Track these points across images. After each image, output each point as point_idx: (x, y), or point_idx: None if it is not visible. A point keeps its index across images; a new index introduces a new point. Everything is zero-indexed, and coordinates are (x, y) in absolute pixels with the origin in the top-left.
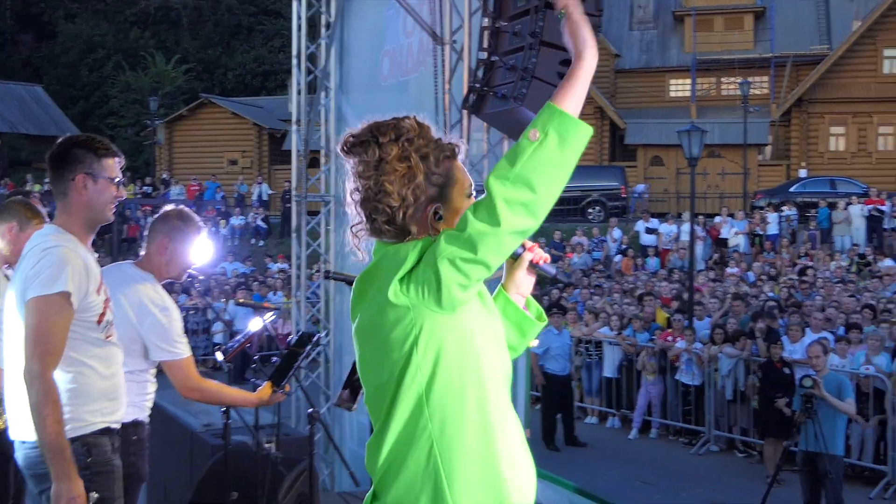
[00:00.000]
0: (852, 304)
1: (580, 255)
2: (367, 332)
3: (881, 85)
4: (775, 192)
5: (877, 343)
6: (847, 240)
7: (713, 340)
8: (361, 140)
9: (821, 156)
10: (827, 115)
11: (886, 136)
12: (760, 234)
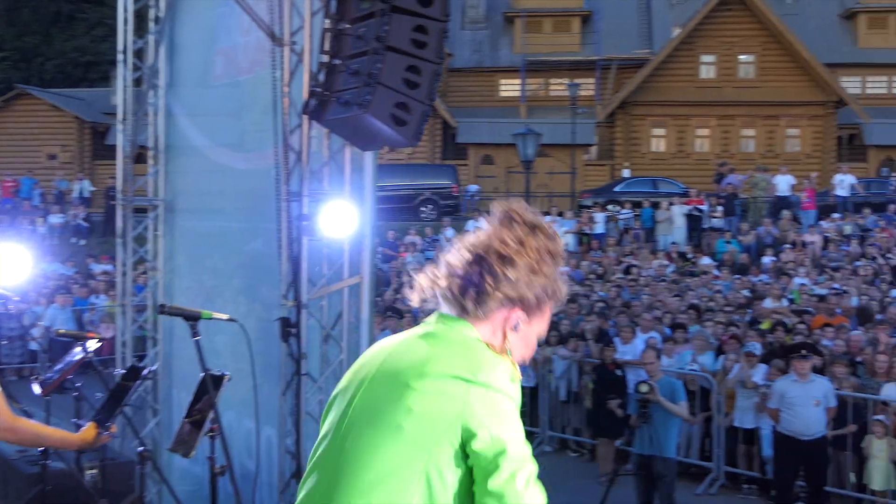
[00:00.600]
0: (676, 304)
1: (413, 254)
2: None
3: (699, 89)
4: (601, 192)
5: (702, 342)
6: (669, 239)
7: (547, 342)
8: (530, 223)
9: (643, 156)
10: (649, 117)
11: (703, 139)
12: (588, 232)
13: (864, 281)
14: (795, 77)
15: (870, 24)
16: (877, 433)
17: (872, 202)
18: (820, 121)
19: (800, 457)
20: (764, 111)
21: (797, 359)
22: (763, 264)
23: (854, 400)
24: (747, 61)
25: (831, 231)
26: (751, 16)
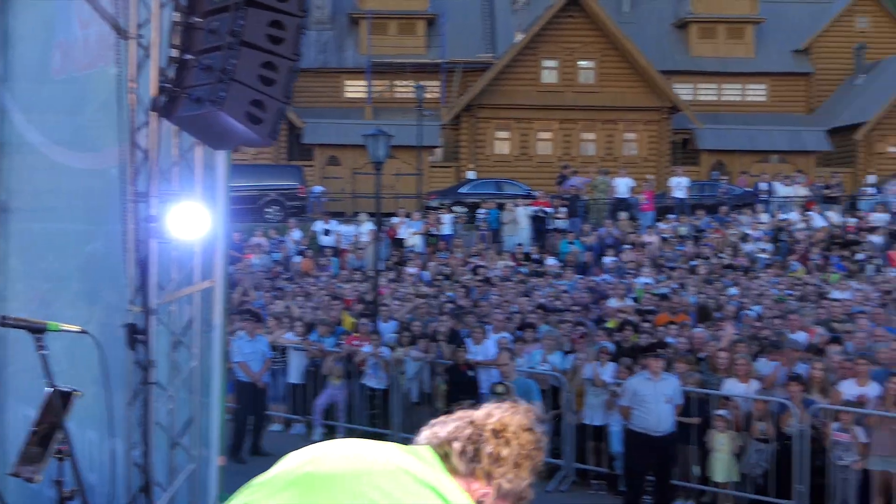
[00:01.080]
0: (525, 304)
1: (259, 256)
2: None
3: (541, 93)
4: (447, 193)
5: (552, 342)
6: (514, 240)
7: (399, 343)
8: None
9: (487, 159)
10: (493, 120)
11: (545, 142)
12: (435, 234)
13: (701, 280)
14: (633, 83)
15: (701, 34)
16: (719, 427)
17: (706, 204)
18: (655, 126)
19: (650, 452)
20: (603, 116)
21: (651, 357)
22: (605, 264)
23: (698, 395)
24: (587, 67)
25: (668, 232)
26: (590, 23)
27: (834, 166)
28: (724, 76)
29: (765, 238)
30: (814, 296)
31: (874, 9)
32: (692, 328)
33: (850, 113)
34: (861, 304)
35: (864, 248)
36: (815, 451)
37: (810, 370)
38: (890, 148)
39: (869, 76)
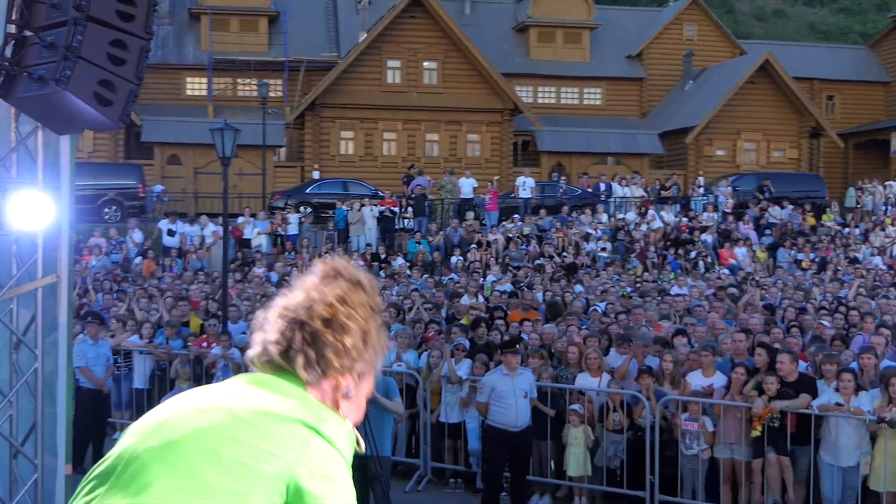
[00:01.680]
0: None
1: (98, 257)
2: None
3: (385, 93)
4: (292, 193)
5: (405, 340)
6: (362, 239)
7: None
8: (354, 280)
9: (332, 158)
10: (338, 119)
11: (390, 142)
12: (282, 234)
13: (548, 278)
14: (475, 85)
15: (539, 38)
16: (573, 422)
17: (547, 204)
18: (498, 127)
19: (508, 448)
20: (447, 117)
21: (510, 353)
22: (452, 263)
23: (552, 390)
24: (431, 68)
25: (512, 231)
26: (434, 24)
27: (666, 168)
28: (562, 80)
29: (605, 237)
30: (654, 292)
31: (701, 18)
32: (543, 324)
33: (680, 117)
34: (697, 299)
35: (697, 246)
36: (666, 442)
37: (661, 363)
38: (718, 151)
39: (697, 82)
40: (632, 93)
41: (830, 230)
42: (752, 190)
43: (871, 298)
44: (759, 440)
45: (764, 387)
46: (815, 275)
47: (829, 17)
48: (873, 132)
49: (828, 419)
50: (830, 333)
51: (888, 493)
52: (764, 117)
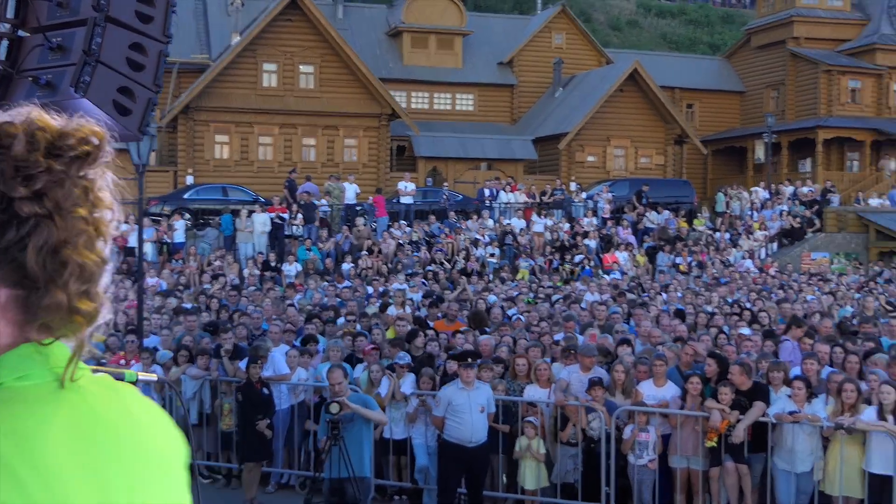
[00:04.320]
0: (295, 315)
1: None
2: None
3: (261, 97)
4: (168, 199)
5: (337, 354)
6: (250, 247)
7: (175, 361)
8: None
9: (207, 163)
10: (212, 123)
11: (266, 147)
12: (167, 241)
13: (442, 285)
14: (352, 89)
15: (413, 43)
16: (528, 434)
17: (435, 210)
18: (375, 132)
19: (464, 464)
20: (324, 121)
21: (464, 367)
22: (344, 271)
23: (504, 403)
24: (307, 72)
25: (402, 238)
26: (311, 27)
27: (539, 174)
28: (436, 85)
29: (493, 243)
30: (563, 299)
31: (569, 27)
32: (478, 335)
33: (551, 124)
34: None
35: (580, 251)
36: (621, 452)
37: (611, 373)
38: (589, 157)
39: (566, 90)
40: (503, 99)
41: (702, 234)
42: (625, 195)
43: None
44: (715, 449)
45: (719, 396)
46: (696, 278)
47: (679, 28)
48: (731, 139)
49: (782, 426)
50: (757, 340)
51: (842, 498)
52: (632, 124)
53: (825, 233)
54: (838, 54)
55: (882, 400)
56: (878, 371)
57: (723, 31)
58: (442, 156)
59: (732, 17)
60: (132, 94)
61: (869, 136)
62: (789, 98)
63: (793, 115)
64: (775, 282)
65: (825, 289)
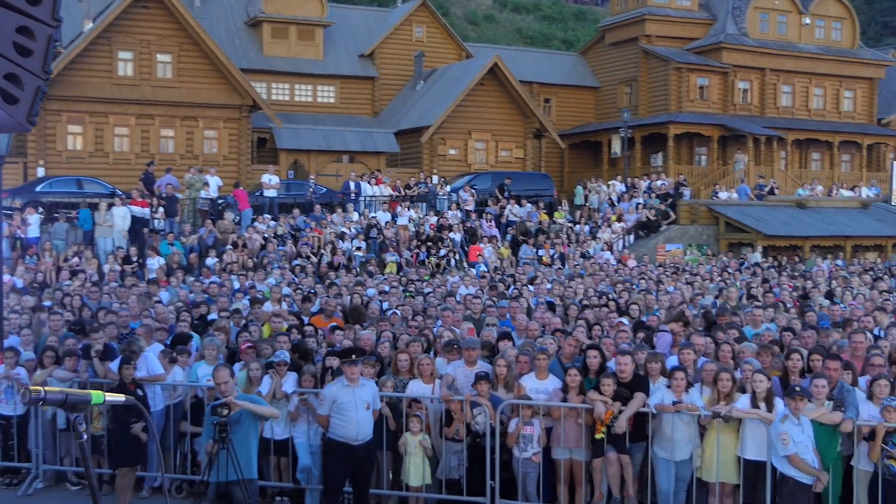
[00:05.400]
0: (165, 312)
1: None
2: None
3: (117, 86)
4: (20, 192)
5: (213, 352)
6: (110, 241)
7: (41, 363)
8: None
9: (59, 154)
10: (64, 113)
11: (122, 137)
12: (21, 237)
13: (311, 279)
14: (212, 79)
15: (273, 34)
16: (412, 430)
17: (300, 203)
18: (235, 124)
19: (349, 462)
20: (182, 112)
21: (348, 364)
22: (209, 265)
23: (388, 399)
24: (165, 61)
25: (267, 231)
26: (168, 15)
27: (401, 167)
28: (296, 76)
29: (359, 236)
30: (433, 292)
31: (430, 20)
32: (360, 331)
33: (413, 117)
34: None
35: (446, 244)
36: (505, 446)
37: (494, 367)
38: (450, 150)
39: (427, 83)
40: (364, 91)
41: (563, 227)
42: (488, 188)
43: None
44: (597, 439)
45: (601, 388)
46: (558, 269)
47: (534, 24)
48: (586, 134)
49: (662, 416)
50: (625, 332)
51: (718, 484)
52: (492, 118)
53: (678, 225)
54: (687, 52)
55: (755, 388)
56: (751, 360)
57: (576, 27)
58: (304, 148)
59: (585, 14)
60: (20, 82)
61: (716, 131)
62: (642, 94)
63: (645, 110)
64: (634, 273)
65: (682, 279)
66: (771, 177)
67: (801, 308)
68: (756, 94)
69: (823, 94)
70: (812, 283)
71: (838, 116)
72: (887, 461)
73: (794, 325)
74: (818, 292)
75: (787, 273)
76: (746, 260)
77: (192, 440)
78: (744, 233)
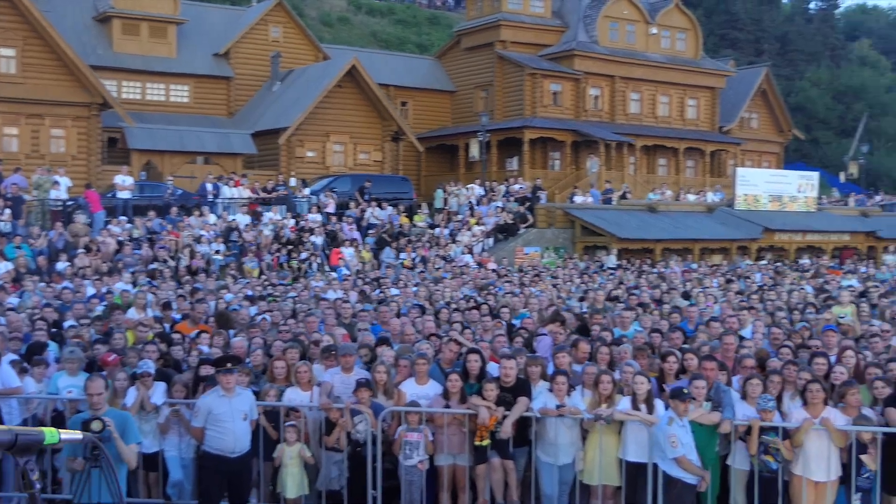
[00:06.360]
0: (16, 319)
1: None
2: None
3: None
4: None
5: (74, 364)
6: None
7: None
8: None
9: None
10: None
11: None
12: None
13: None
14: (59, 76)
15: (123, 30)
16: (289, 440)
17: (155, 205)
18: (84, 122)
19: (226, 475)
20: (28, 109)
21: (223, 373)
22: (59, 270)
23: (266, 408)
24: (8, 55)
25: (122, 234)
26: (11, 7)
27: (258, 168)
28: (148, 75)
29: (218, 239)
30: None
31: (286, 20)
32: (229, 338)
33: (270, 118)
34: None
35: (307, 248)
36: (386, 454)
37: (373, 374)
38: (308, 152)
39: (284, 83)
40: (219, 91)
41: (423, 230)
42: (347, 191)
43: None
44: (480, 445)
45: (484, 393)
46: (420, 273)
47: (388, 27)
48: (443, 137)
49: (545, 420)
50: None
51: (601, 486)
52: (350, 120)
53: (536, 228)
54: (541, 59)
55: (636, 390)
56: (632, 363)
57: (430, 31)
58: (157, 149)
59: (439, 18)
60: None
61: (569, 136)
62: (497, 99)
63: (501, 115)
64: (494, 276)
65: (547, 282)
66: (622, 182)
67: (669, 311)
68: (607, 101)
69: (669, 101)
70: (668, 285)
71: (683, 124)
72: (764, 457)
73: (660, 327)
74: (676, 294)
75: (645, 276)
76: (602, 262)
77: (52, 456)
78: (599, 236)
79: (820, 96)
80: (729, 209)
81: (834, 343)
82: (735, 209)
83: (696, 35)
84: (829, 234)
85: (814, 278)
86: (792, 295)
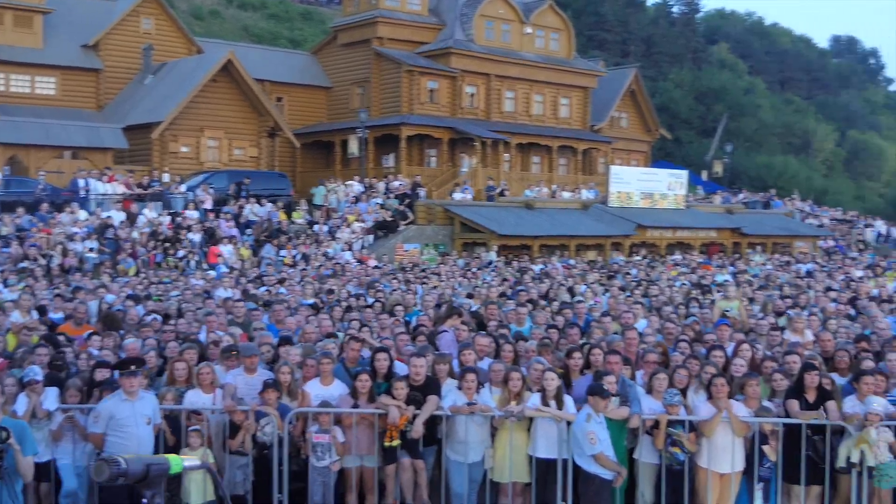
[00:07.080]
0: None
1: None
2: None
3: None
4: None
5: None
6: None
7: None
8: None
9: None
10: None
11: None
12: None
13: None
14: None
15: None
16: (192, 445)
17: (24, 202)
18: None
19: (126, 484)
20: None
21: (126, 375)
22: None
23: (167, 412)
24: None
25: None
26: None
27: (130, 163)
28: (13, 65)
29: (91, 237)
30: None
31: (159, 12)
32: (123, 339)
33: (141, 112)
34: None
35: (184, 245)
36: (292, 456)
37: (276, 374)
38: (182, 147)
39: (156, 77)
40: (88, 84)
41: (303, 227)
42: (224, 188)
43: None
44: (388, 446)
45: (393, 392)
46: (302, 270)
47: (261, 22)
48: (318, 133)
49: (454, 418)
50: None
51: (511, 484)
52: (226, 116)
53: (416, 225)
54: (418, 56)
55: (546, 387)
56: (541, 359)
57: (303, 27)
58: (22, 143)
59: (312, 14)
60: None
61: (446, 133)
62: (374, 95)
63: (377, 111)
64: (377, 273)
65: (431, 280)
66: (500, 178)
67: (560, 307)
68: (482, 99)
69: (543, 100)
70: (552, 282)
71: (556, 122)
72: (671, 449)
73: (556, 323)
74: (563, 290)
75: (528, 272)
76: (482, 259)
77: None
78: (478, 233)
79: (682, 97)
80: (603, 206)
81: (727, 336)
82: (609, 206)
83: (569, 35)
84: (697, 230)
85: (692, 273)
86: (673, 290)
